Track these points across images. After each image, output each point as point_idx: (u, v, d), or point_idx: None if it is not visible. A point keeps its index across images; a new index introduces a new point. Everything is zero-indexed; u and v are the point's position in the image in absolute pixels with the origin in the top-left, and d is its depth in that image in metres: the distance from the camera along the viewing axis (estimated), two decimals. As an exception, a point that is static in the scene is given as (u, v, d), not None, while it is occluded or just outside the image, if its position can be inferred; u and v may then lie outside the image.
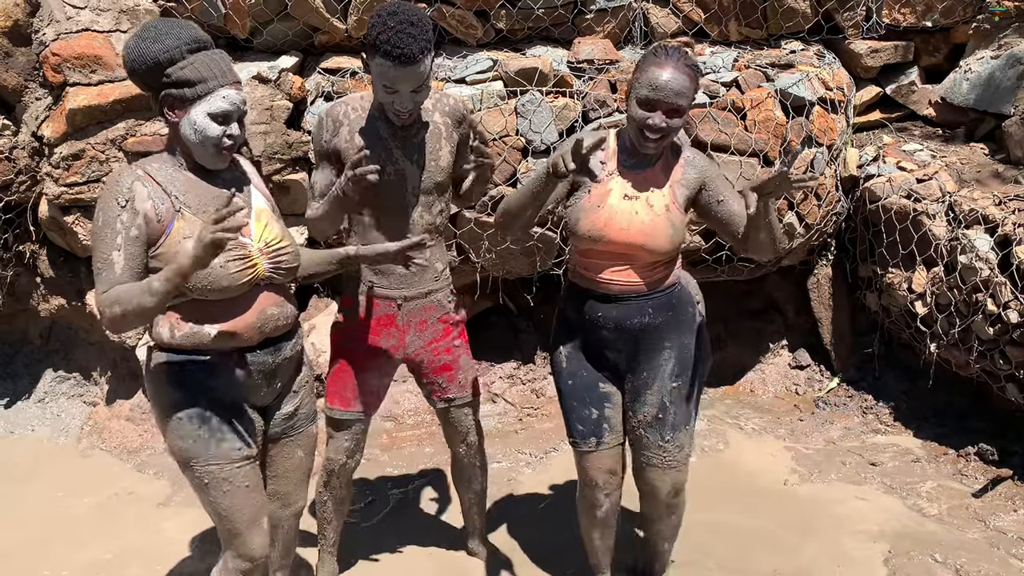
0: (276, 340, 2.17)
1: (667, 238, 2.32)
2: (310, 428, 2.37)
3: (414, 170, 2.44)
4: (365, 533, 3.20)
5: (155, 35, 1.95)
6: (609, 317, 2.41)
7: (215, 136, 2.00)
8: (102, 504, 3.44)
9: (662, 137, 2.25)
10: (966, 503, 3.40)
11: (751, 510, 3.34)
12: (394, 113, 2.34)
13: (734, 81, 3.85)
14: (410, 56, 2.18)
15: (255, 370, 2.14)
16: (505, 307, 4.42)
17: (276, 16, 3.88)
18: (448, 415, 2.73)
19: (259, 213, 2.15)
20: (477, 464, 2.85)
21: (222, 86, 1.99)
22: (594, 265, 2.40)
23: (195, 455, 2.10)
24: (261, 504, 2.21)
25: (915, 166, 4.01)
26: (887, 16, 4.29)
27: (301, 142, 3.78)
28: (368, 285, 2.54)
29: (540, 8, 3.96)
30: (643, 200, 2.32)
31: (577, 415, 2.49)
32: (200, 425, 2.09)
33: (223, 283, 2.00)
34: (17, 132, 3.76)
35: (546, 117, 3.70)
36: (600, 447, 2.48)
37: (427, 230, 2.51)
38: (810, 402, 4.27)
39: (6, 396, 4.15)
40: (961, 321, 3.57)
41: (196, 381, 2.08)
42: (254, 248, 2.08)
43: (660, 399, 2.43)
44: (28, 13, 3.67)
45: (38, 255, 3.98)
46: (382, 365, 2.61)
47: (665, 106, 2.20)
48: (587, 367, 2.50)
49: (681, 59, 2.23)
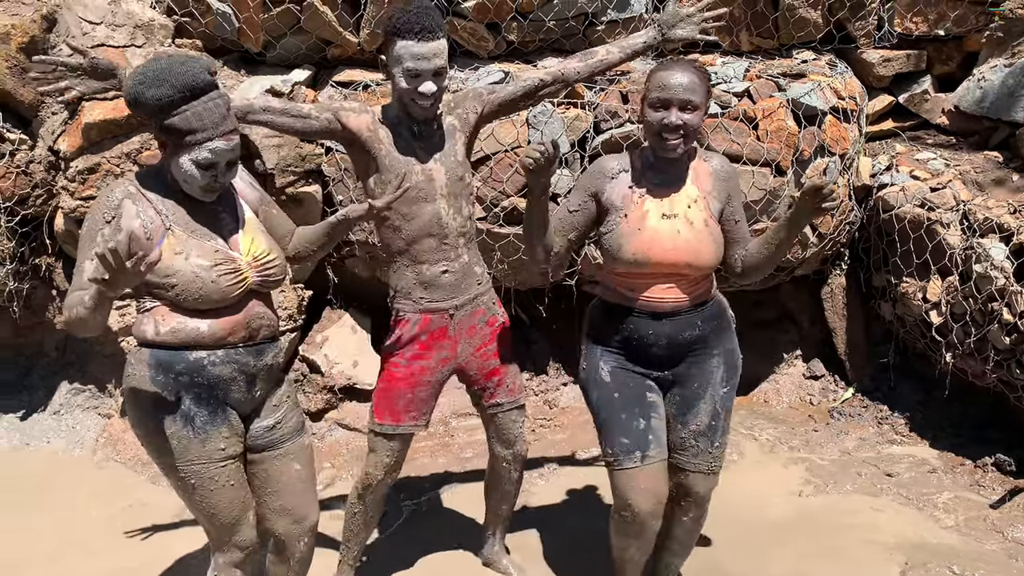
0: (260, 343, 2.22)
1: (712, 252, 2.31)
2: (300, 439, 2.37)
3: (440, 169, 2.50)
4: (378, 545, 3.19)
5: (152, 79, 1.96)
6: (661, 334, 2.37)
7: (200, 181, 2.05)
8: (116, 516, 3.45)
9: (684, 137, 2.25)
10: (983, 514, 3.37)
11: (765, 522, 3.32)
12: (418, 105, 2.40)
13: (746, 91, 3.85)
14: (431, 29, 2.32)
15: (237, 370, 2.17)
16: (518, 318, 4.42)
17: (289, 30, 3.91)
18: (496, 420, 2.74)
19: (248, 227, 2.20)
20: (516, 474, 2.84)
21: (211, 139, 2.01)
22: (638, 285, 2.36)
23: (179, 455, 2.14)
24: (246, 500, 2.26)
25: (928, 175, 3.99)
26: (899, 25, 4.29)
27: (314, 155, 3.80)
28: (417, 301, 2.57)
29: (551, 20, 3.98)
30: (682, 217, 2.30)
31: (623, 428, 2.36)
32: (184, 424, 2.13)
33: (214, 296, 2.08)
34: (34, 146, 3.80)
35: (558, 128, 3.71)
36: (646, 461, 2.35)
37: (460, 234, 2.55)
38: (825, 412, 4.24)
39: (22, 408, 4.18)
40: (977, 330, 3.55)
41: (181, 377, 2.12)
42: (243, 262, 2.14)
43: (713, 406, 2.43)
44: (45, 29, 3.71)
45: (54, 268, 4.01)
46: (435, 377, 2.63)
47: (678, 102, 2.22)
48: (634, 377, 2.43)
49: (687, 63, 2.29)
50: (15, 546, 3.23)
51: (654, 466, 2.36)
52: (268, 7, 3.82)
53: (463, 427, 4.08)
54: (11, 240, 3.76)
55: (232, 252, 2.13)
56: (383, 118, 2.51)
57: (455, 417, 4.13)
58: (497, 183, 3.71)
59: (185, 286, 2.05)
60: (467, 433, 4.03)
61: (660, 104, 2.24)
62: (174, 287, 2.05)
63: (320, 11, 3.79)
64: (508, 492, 2.89)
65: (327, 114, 2.48)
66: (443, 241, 2.53)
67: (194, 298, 2.06)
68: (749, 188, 3.73)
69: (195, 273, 2.04)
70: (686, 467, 2.46)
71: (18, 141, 3.74)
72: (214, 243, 2.11)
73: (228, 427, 2.19)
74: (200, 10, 3.86)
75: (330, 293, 4.18)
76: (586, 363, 2.49)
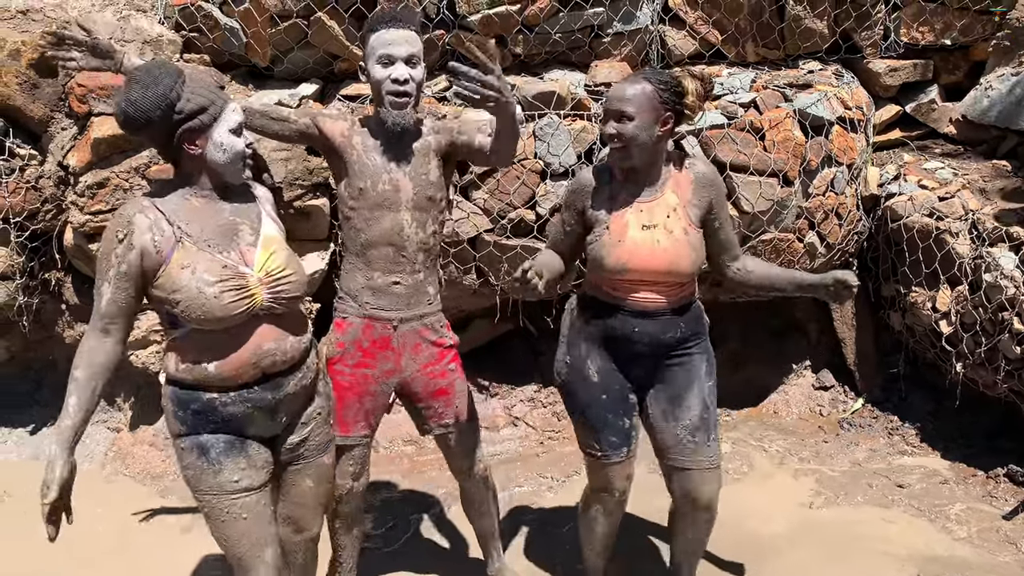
0: (277, 375, 2.16)
1: (690, 261, 2.38)
2: (321, 459, 2.34)
3: (407, 182, 2.49)
4: (386, 558, 3.19)
5: (148, 81, 1.95)
6: (645, 332, 2.44)
7: (242, 149, 2.07)
8: (125, 530, 3.45)
9: (621, 147, 2.32)
10: (996, 525, 3.34)
11: (776, 534, 3.30)
12: (393, 98, 2.41)
13: (752, 102, 3.85)
14: (401, 18, 2.39)
15: (253, 407, 2.13)
16: (525, 330, 4.42)
17: (296, 44, 3.93)
18: (447, 441, 2.70)
19: (267, 241, 2.14)
20: (485, 491, 2.83)
21: (225, 103, 2.05)
22: (622, 287, 2.44)
23: (195, 484, 2.14)
24: (263, 535, 2.18)
25: (937, 184, 3.98)
26: (905, 35, 4.29)
27: (322, 168, 3.82)
28: (362, 305, 2.56)
29: (557, 33, 3.99)
30: (661, 227, 2.37)
31: (612, 427, 2.50)
32: (199, 456, 2.11)
33: (217, 313, 2.00)
34: (43, 162, 3.83)
35: (564, 140, 3.71)
36: (629, 455, 2.53)
37: (420, 249, 2.53)
38: (835, 423, 4.22)
39: (32, 422, 4.19)
40: (987, 340, 3.53)
41: (196, 413, 2.10)
42: (253, 278, 2.07)
43: (702, 399, 2.50)
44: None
45: (63, 283, 4.03)
46: (379, 388, 2.60)
47: (612, 113, 2.31)
48: (618, 379, 2.53)
49: (642, 74, 2.34)
50: (24, 560, 3.23)
51: (634, 457, 2.58)
52: (276, 22, 3.84)
53: (471, 439, 4.07)
54: (21, 255, 3.78)
55: (243, 268, 2.05)
56: (361, 126, 2.53)
57: (463, 429, 4.12)
58: (504, 195, 3.72)
59: (188, 302, 1.99)
60: (475, 445, 4.02)
61: (604, 116, 2.35)
62: (179, 303, 2.00)
63: (327, 25, 3.81)
64: (487, 511, 2.87)
65: (305, 119, 2.51)
66: (401, 252, 2.51)
67: (197, 315, 1.99)
68: (756, 199, 3.73)
69: (198, 288, 1.98)
70: (687, 466, 2.51)
71: (28, 156, 3.76)
72: (225, 257, 2.04)
73: (245, 459, 2.15)
74: (208, 25, 3.88)
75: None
76: (570, 358, 2.56)
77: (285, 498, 2.35)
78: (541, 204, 3.74)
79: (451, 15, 3.89)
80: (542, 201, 3.74)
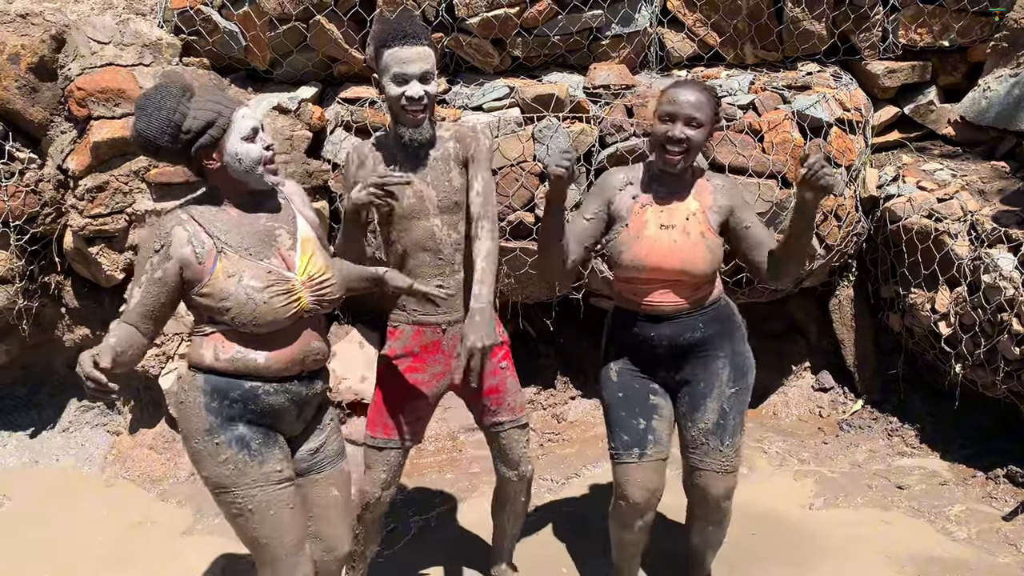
0: (312, 372, 2.21)
1: (705, 262, 2.42)
2: (340, 464, 2.36)
3: (430, 190, 2.52)
4: (386, 561, 3.18)
5: (151, 108, 1.98)
6: (663, 335, 2.49)
7: (258, 155, 2.06)
8: (126, 533, 3.45)
9: (685, 151, 2.36)
10: (996, 526, 3.34)
11: (776, 535, 3.30)
12: (408, 113, 2.42)
13: (751, 104, 3.86)
14: (414, 35, 2.39)
15: (291, 400, 2.16)
16: (525, 332, 4.42)
17: (296, 48, 3.94)
18: (499, 439, 2.71)
19: (304, 243, 2.17)
20: (523, 495, 2.82)
21: (234, 110, 2.05)
22: (639, 291, 2.49)
23: (236, 480, 2.09)
24: (303, 529, 2.20)
25: (935, 185, 3.98)
26: (903, 36, 4.29)
27: (321, 171, 3.82)
28: (410, 313, 2.59)
29: (556, 35, 4.00)
30: (679, 228, 2.42)
31: (623, 425, 2.53)
32: (240, 449, 2.10)
33: (268, 318, 2.05)
34: (43, 165, 3.83)
35: (563, 142, 3.72)
36: (643, 459, 2.50)
37: (456, 250, 2.56)
38: (834, 425, 4.23)
39: (31, 426, 4.19)
40: (986, 341, 3.53)
41: (235, 405, 2.10)
42: (297, 282, 2.10)
43: (720, 405, 2.52)
44: (54, 49, 3.75)
45: (63, 286, 4.03)
46: (430, 391, 2.63)
47: (684, 117, 2.34)
48: (639, 380, 2.57)
49: (698, 83, 2.42)
50: (25, 564, 3.23)
51: (651, 463, 2.51)
52: (275, 25, 3.85)
53: (472, 442, 4.07)
54: (20, 258, 3.78)
55: (287, 272, 2.09)
56: (376, 148, 2.54)
57: (464, 432, 4.13)
58: (503, 197, 3.72)
59: (239, 309, 2.02)
60: (476, 448, 4.02)
61: (668, 117, 2.37)
62: (228, 310, 2.02)
63: (326, 29, 3.82)
64: (516, 512, 2.87)
65: (354, 195, 2.45)
66: (438, 256, 2.55)
67: (248, 320, 2.03)
68: (755, 200, 3.73)
69: (247, 295, 2.02)
70: (699, 466, 2.55)
71: (27, 160, 3.77)
72: (267, 263, 2.08)
73: (280, 450, 2.17)
74: (207, 29, 3.89)
75: (337, 309, 4.19)
76: (603, 364, 2.65)
77: (312, 513, 2.31)
78: (540, 207, 3.75)
79: (450, 18, 3.89)
80: (541, 204, 3.74)
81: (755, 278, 2.61)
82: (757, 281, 2.58)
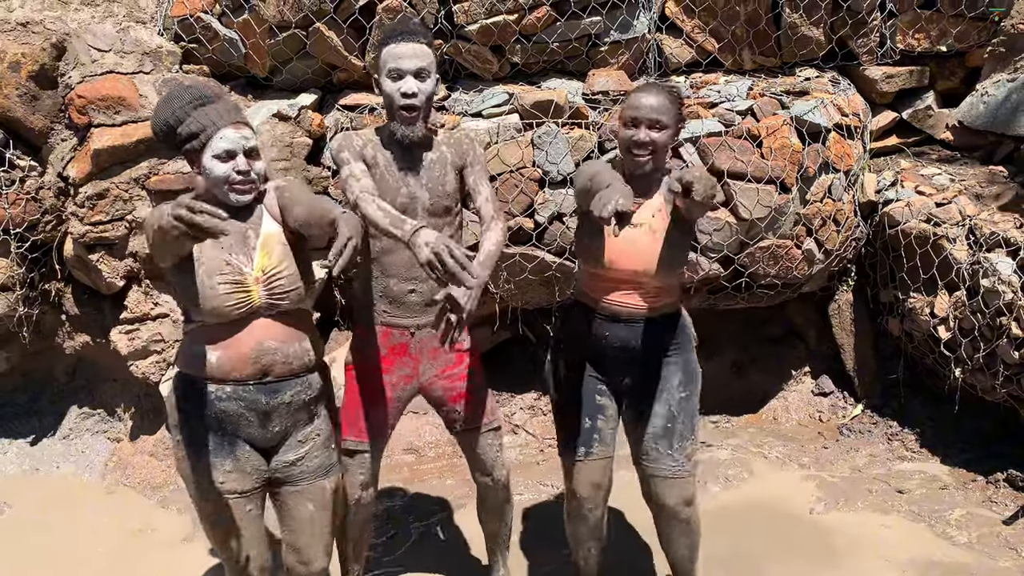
0: (276, 380, 2.19)
1: (667, 262, 2.44)
2: (319, 482, 2.31)
3: (423, 192, 2.51)
4: (387, 567, 3.18)
5: (166, 100, 2.12)
6: (617, 337, 2.50)
7: (222, 175, 2.12)
8: (126, 540, 3.45)
9: (651, 153, 2.40)
10: (996, 531, 3.34)
11: (776, 540, 3.30)
12: (403, 111, 2.42)
13: (749, 109, 3.87)
14: (411, 32, 2.42)
15: (246, 407, 2.17)
16: (524, 337, 4.42)
17: (295, 55, 3.95)
18: (471, 444, 2.70)
19: (266, 239, 2.19)
20: (503, 498, 2.81)
21: (219, 128, 2.10)
22: (601, 288, 2.51)
23: (186, 481, 2.21)
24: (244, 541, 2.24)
25: (934, 190, 3.99)
26: (901, 42, 4.30)
27: (321, 178, 3.83)
28: (381, 315, 2.57)
29: (555, 42, 4.01)
30: (646, 227, 2.44)
31: (570, 425, 2.58)
32: (189, 452, 2.17)
33: (212, 303, 2.10)
34: (43, 173, 3.84)
35: (562, 148, 3.73)
36: (588, 457, 2.56)
37: None
38: (834, 429, 4.23)
39: (32, 433, 4.19)
40: (985, 345, 3.53)
41: (193, 404, 2.17)
42: (251, 277, 2.14)
43: (668, 409, 2.51)
44: (54, 57, 3.76)
45: (63, 293, 4.04)
46: (398, 394, 2.61)
47: (647, 121, 2.38)
48: (587, 378, 2.58)
49: (661, 86, 2.47)
50: (25, 571, 3.23)
51: (597, 462, 2.57)
52: (274, 32, 3.86)
53: (471, 448, 4.07)
54: (21, 266, 3.79)
55: (245, 268, 2.14)
56: (377, 141, 2.53)
57: (463, 438, 4.12)
58: (503, 204, 3.73)
59: (189, 292, 2.11)
60: (475, 454, 4.02)
61: (631, 122, 2.41)
62: (186, 291, 2.13)
63: (326, 36, 3.83)
64: (499, 517, 2.86)
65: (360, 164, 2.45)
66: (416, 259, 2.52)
67: (198, 305, 2.11)
68: (754, 205, 3.74)
69: (201, 280, 2.09)
70: (651, 472, 2.54)
71: (28, 168, 3.77)
72: (230, 256, 2.13)
73: (232, 461, 2.18)
74: (207, 36, 3.90)
75: (337, 314, 4.20)
76: (549, 359, 2.69)
77: (285, 523, 2.33)
78: (540, 212, 3.76)
79: (449, 25, 3.91)
80: (540, 209, 3.75)
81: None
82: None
